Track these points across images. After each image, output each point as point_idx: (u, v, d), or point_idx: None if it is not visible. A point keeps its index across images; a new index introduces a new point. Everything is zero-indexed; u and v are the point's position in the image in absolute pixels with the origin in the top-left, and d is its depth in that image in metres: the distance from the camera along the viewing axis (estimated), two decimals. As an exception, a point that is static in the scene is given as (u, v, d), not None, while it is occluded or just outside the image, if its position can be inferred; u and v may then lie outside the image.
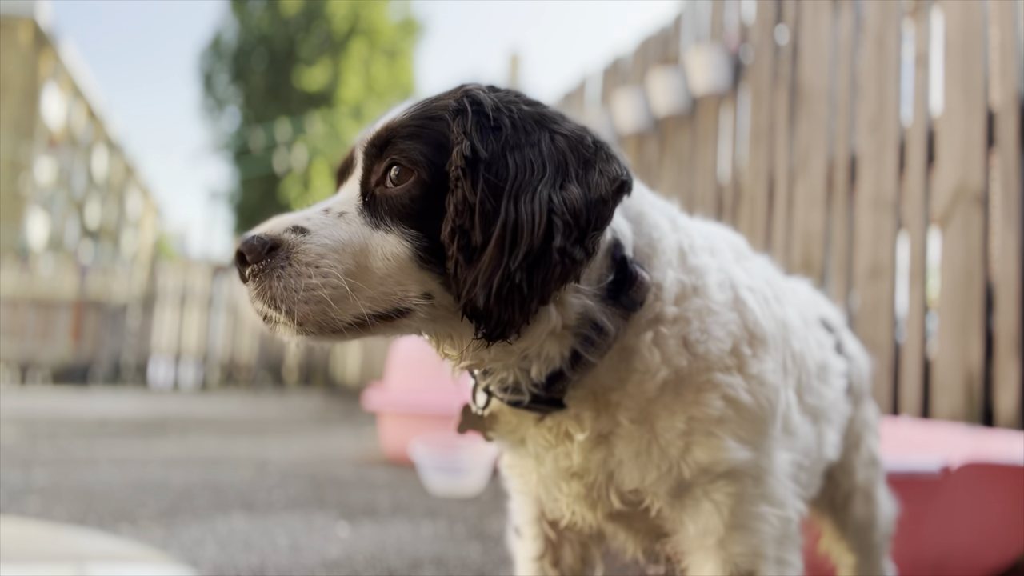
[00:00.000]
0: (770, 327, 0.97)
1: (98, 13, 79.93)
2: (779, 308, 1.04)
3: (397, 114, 0.89)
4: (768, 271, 1.13)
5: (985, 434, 2.09)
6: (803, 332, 1.08)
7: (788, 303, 1.10)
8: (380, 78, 26.11)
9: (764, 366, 0.94)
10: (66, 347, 9.89)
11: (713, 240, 1.04)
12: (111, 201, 38.18)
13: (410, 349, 4.05)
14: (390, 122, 0.88)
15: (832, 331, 1.28)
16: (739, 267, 1.02)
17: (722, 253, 1.03)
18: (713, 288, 0.94)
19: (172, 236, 51.54)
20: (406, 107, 0.90)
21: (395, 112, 0.90)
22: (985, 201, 2.43)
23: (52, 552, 1.78)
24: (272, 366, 10.50)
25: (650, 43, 4.42)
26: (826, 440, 1.13)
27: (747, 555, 0.92)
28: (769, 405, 0.93)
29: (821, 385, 1.11)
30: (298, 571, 1.82)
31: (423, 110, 0.88)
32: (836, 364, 1.20)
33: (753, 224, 3.48)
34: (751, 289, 0.99)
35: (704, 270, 0.95)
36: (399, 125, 0.87)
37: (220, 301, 10.41)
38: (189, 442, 4.40)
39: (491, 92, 0.89)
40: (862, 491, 1.37)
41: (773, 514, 0.93)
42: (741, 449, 0.91)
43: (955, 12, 2.62)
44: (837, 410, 1.18)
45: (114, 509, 2.43)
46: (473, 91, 0.88)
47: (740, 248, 1.10)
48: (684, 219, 1.06)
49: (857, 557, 1.41)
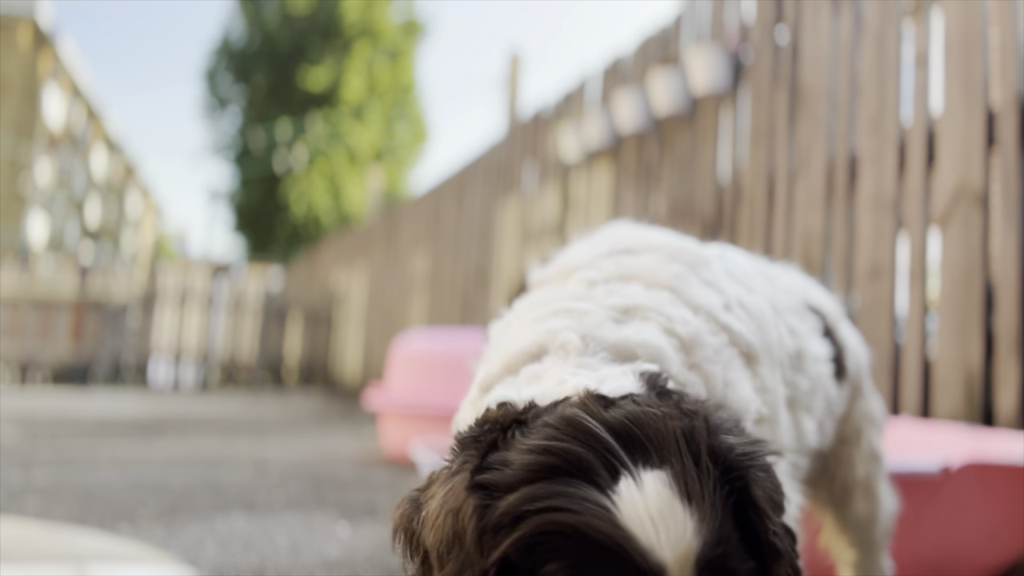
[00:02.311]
0: (755, 338, 0.94)
1: (98, 13, 79.88)
2: (750, 298, 1.00)
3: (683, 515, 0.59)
4: (728, 262, 1.08)
5: (985, 434, 2.09)
6: (773, 321, 1.04)
7: (760, 292, 1.06)
8: (382, 79, 26.14)
9: (763, 376, 0.93)
10: (66, 347, 9.89)
11: (663, 270, 0.93)
12: (111, 201, 38.16)
13: (410, 349, 4.05)
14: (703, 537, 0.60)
15: (819, 315, 1.24)
16: (705, 287, 0.94)
17: (684, 281, 0.92)
18: (709, 341, 0.87)
19: (172, 236, 51.54)
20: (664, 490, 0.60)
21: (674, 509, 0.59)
22: (985, 201, 2.43)
23: (52, 552, 1.78)
24: (272, 366, 10.50)
25: (650, 43, 4.42)
26: (803, 428, 1.12)
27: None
28: (774, 409, 0.93)
29: (795, 374, 1.09)
30: (298, 571, 1.82)
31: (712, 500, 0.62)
32: (816, 349, 1.16)
33: (753, 224, 3.48)
34: (727, 308, 0.93)
35: (697, 335, 0.87)
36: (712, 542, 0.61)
37: (220, 301, 10.41)
38: (189, 442, 4.40)
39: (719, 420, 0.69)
40: (862, 486, 1.37)
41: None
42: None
43: (955, 12, 2.62)
44: (817, 396, 1.15)
45: (114, 509, 2.43)
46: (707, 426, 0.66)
47: (692, 255, 0.99)
48: (624, 271, 0.93)
49: (858, 552, 1.41)
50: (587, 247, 1.02)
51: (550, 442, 0.62)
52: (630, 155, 4.46)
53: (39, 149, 27.84)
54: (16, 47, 26.80)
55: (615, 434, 0.62)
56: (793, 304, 1.18)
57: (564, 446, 0.62)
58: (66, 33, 29.81)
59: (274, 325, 10.54)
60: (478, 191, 6.70)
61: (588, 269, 0.95)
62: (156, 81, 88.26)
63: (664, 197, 4.14)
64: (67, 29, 72.35)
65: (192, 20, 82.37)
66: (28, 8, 26.74)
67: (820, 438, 1.20)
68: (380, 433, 4.18)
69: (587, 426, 0.62)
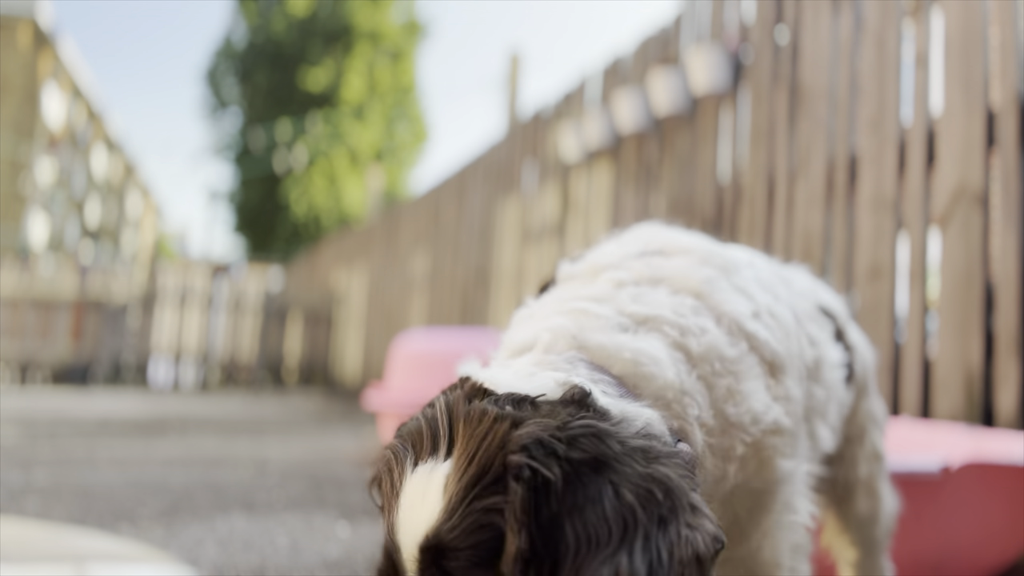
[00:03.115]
0: (782, 348, 0.94)
1: (98, 13, 79.92)
2: (779, 308, 1.01)
3: (434, 507, 0.70)
4: (757, 268, 1.07)
5: (985, 434, 2.09)
6: (796, 331, 1.04)
7: (784, 301, 1.05)
8: (383, 79, 26.15)
9: (787, 386, 0.93)
10: (66, 347, 9.89)
11: (694, 274, 0.93)
12: (111, 201, 38.18)
13: (410, 349, 4.05)
14: (438, 529, 0.69)
15: (831, 318, 1.24)
16: (736, 293, 0.94)
17: (714, 285, 0.92)
18: (727, 351, 0.87)
19: (172, 236, 51.52)
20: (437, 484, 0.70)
21: (428, 495, 0.70)
22: (985, 201, 2.43)
23: (52, 552, 1.78)
24: (272, 366, 10.50)
25: (650, 43, 4.42)
26: (819, 435, 1.13)
27: (768, 563, 0.92)
28: (797, 419, 0.94)
29: (812, 384, 1.09)
30: (298, 571, 1.82)
31: (467, 508, 0.69)
32: (832, 355, 1.16)
33: (753, 224, 3.48)
34: (756, 315, 0.93)
35: (714, 347, 0.86)
36: (448, 535, 0.69)
37: (220, 301, 10.42)
38: (189, 442, 4.40)
39: (535, 438, 0.70)
40: (864, 485, 1.37)
41: (790, 521, 0.93)
42: (786, 463, 0.91)
43: (955, 12, 2.62)
44: (832, 402, 1.16)
45: (114, 509, 2.43)
46: (520, 442, 0.69)
47: (724, 259, 0.98)
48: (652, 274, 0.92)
49: (859, 552, 1.41)
50: (618, 247, 1.02)
51: (416, 419, 0.74)
52: (630, 155, 4.46)
53: (39, 149, 27.85)
54: (16, 47, 26.81)
55: (450, 425, 0.72)
56: (810, 310, 1.18)
57: (416, 425, 0.74)
58: (66, 33, 29.81)
59: (274, 325, 10.54)
60: (478, 191, 6.70)
61: (617, 270, 0.95)
62: (156, 81, 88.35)
63: (664, 197, 4.14)
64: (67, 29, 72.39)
65: (192, 20, 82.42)
66: (28, 8, 26.75)
67: (833, 443, 1.21)
68: (380, 433, 4.18)
69: (438, 413, 0.73)
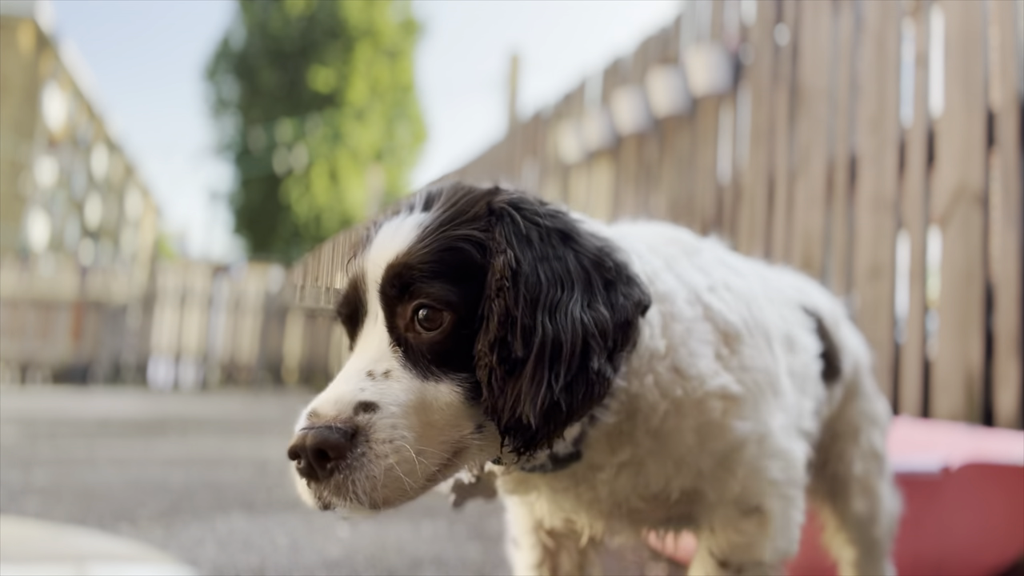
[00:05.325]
0: (736, 318, 1.01)
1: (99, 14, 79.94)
2: (739, 282, 1.07)
3: (407, 238, 0.84)
4: (720, 252, 1.16)
5: (985, 434, 2.09)
6: (763, 302, 1.11)
7: (748, 276, 1.12)
8: (382, 79, 26.14)
9: (743, 355, 0.99)
10: (66, 347, 9.89)
11: (661, 248, 1.05)
12: (111, 201, 38.18)
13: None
14: (405, 255, 0.83)
15: (813, 316, 1.27)
16: (694, 269, 1.05)
17: (676, 260, 1.04)
18: (684, 308, 0.97)
19: (172, 236, 51.51)
20: (412, 223, 0.86)
21: (400, 230, 0.86)
22: (985, 201, 2.43)
23: (52, 552, 1.78)
24: (272, 366, 10.50)
25: (650, 43, 4.42)
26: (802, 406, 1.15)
27: (755, 493, 0.99)
28: (756, 385, 0.99)
29: (787, 353, 1.13)
30: (298, 571, 1.82)
31: (440, 234, 0.84)
32: (806, 342, 1.20)
33: (753, 224, 3.48)
34: (711, 289, 1.03)
35: (673, 294, 0.97)
36: (417, 260, 0.82)
37: (220, 301, 10.41)
38: (189, 442, 4.40)
39: (517, 198, 0.88)
40: (859, 483, 1.38)
41: (777, 465, 1.00)
42: (743, 424, 0.97)
43: (955, 12, 2.62)
44: (808, 383, 1.18)
45: (114, 509, 2.43)
46: (505, 198, 0.86)
47: (687, 243, 1.11)
48: (631, 234, 1.05)
49: (857, 551, 1.41)
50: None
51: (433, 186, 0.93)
52: (630, 155, 4.46)
53: (39, 149, 27.85)
54: (17, 48, 26.82)
55: (433, 195, 0.89)
56: (783, 300, 1.23)
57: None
58: (67, 34, 29.83)
59: (274, 325, 10.54)
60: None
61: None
62: (156, 81, 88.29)
63: (664, 196, 4.14)
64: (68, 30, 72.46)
65: (192, 20, 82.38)
66: (29, 9, 26.75)
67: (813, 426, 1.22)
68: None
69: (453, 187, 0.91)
